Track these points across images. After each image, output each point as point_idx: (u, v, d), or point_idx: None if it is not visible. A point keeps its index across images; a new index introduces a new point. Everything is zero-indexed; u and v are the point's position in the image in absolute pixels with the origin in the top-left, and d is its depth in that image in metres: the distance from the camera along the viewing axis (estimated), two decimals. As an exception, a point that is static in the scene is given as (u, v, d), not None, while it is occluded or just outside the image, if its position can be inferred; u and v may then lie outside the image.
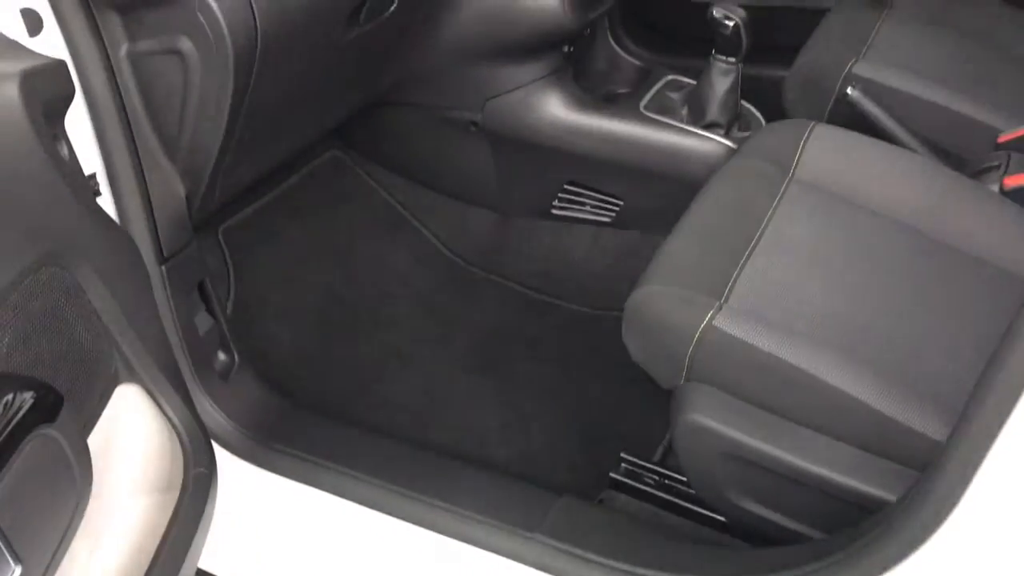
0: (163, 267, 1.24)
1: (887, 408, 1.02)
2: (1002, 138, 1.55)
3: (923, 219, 1.35)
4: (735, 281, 1.19)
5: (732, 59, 1.61)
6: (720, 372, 1.12)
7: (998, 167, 1.50)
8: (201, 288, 1.33)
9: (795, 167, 1.43)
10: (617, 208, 1.78)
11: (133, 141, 1.18)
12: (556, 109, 1.68)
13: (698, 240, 1.29)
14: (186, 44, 1.12)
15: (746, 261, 1.23)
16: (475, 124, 1.74)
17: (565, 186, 1.79)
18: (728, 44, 1.59)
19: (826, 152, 1.44)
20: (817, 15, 1.85)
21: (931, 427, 1.01)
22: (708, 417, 1.11)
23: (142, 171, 1.20)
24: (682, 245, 1.28)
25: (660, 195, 1.70)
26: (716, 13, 1.57)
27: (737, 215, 1.33)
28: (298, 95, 1.37)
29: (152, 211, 1.22)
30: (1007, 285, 1.27)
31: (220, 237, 1.66)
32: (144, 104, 1.19)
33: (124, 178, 1.18)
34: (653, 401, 1.30)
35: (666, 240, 1.29)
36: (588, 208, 1.80)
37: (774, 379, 1.08)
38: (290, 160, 1.66)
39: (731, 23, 1.56)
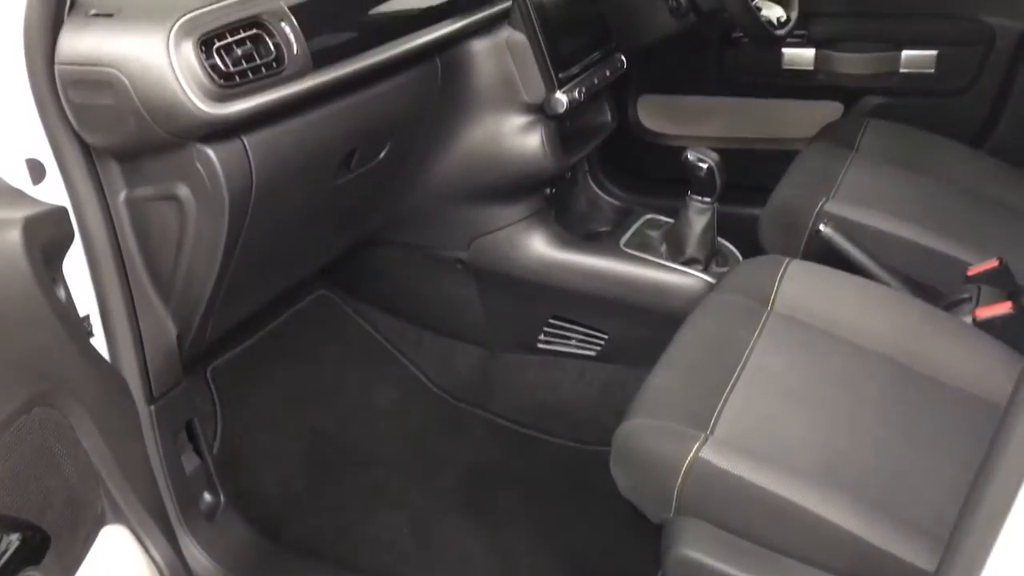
0: (152, 407, 1.25)
1: (873, 538, 1.03)
2: (971, 271, 1.60)
3: (900, 350, 1.38)
4: (720, 413, 1.21)
5: (707, 199, 1.67)
6: (708, 505, 1.12)
7: (969, 299, 1.55)
8: (189, 428, 1.34)
9: (773, 301, 1.47)
10: (602, 342, 1.81)
11: (128, 284, 1.21)
12: (540, 247, 1.73)
13: (682, 373, 1.32)
14: (183, 190, 1.16)
15: (730, 393, 1.25)
16: (461, 262, 1.79)
17: (550, 320, 1.82)
18: (703, 185, 1.66)
19: (802, 286, 1.48)
20: (788, 157, 1.94)
21: (917, 556, 1.01)
22: (698, 551, 1.10)
23: (135, 313, 1.22)
24: (666, 378, 1.30)
25: (643, 329, 1.73)
26: (690, 156, 1.65)
27: (719, 348, 1.36)
28: (290, 237, 1.42)
29: (143, 352, 1.24)
30: (984, 413, 1.29)
31: (209, 377, 1.67)
32: (140, 247, 1.23)
33: (117, 320, 1.20)
34: (643, 536, 1.29)
35: (651, 373, 1.32)
36: (574, 342, 1.83)
37: (761, 510, 1.08)
38: (279, 299, 1.69)
39: (705, 165, 1.64)
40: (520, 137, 1.64)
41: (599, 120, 1.83)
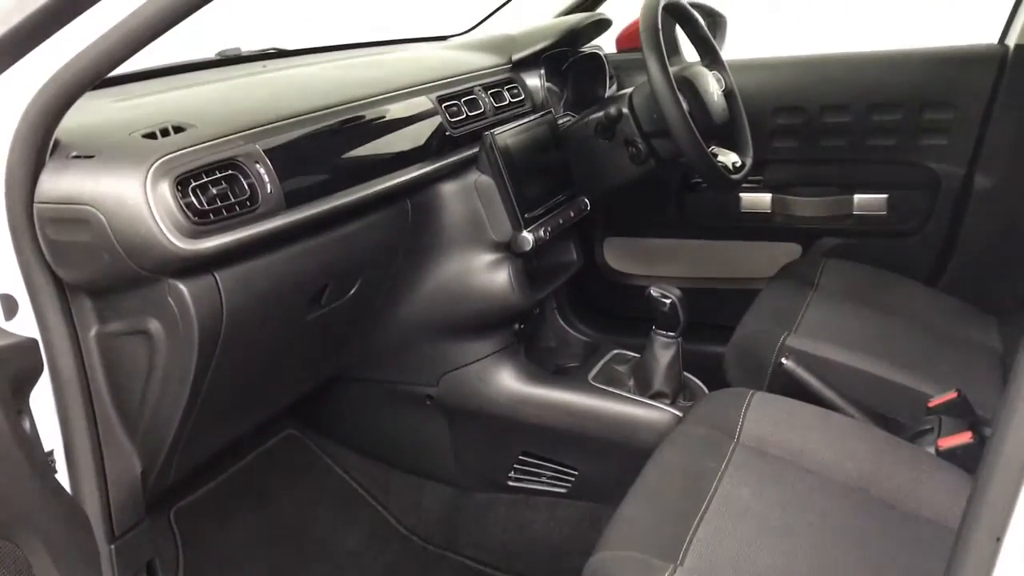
0: (112, 545, 1.22)
1: None
2: (932, 403, 1.63)
3: (865, 481, 1.39)
4: (689, 544, 1.21)
5: (671, 333, 1.71)
6: None
7: (932, 430, 1.57)
8: (149, 568, 1.30)
9: (739, 433, 1.48)
10: (573, 478, 1.80)
11: (94, 418, 1.21)
12: (510, 381, 1.75)
13: (651, 505, 1.31)
14: (154, 325, 1.18)
15: (699, 524, 1.25)
16: (431, 398, 1.79)
17: (520, 457, 1.82)
18: (667, 320, 1.70)
19: (767, 418, 1.50)
20: (750, 296, 2.00)
21: None
22: None
23: (100, 448, 1.21)
24: (636, 510, 1.30)
25: (613, 464, 1.73)
26: (654, 292, 1.69)
27: (687, 479, 1.36)
28: (259, 374, 1.43)
29: (107, 489, 1.22)
30: (949, 542, 1.30)
31: (172, 517, 1.64)
32: (108, 382, 1.23)
33: (82, 455, 1.19)
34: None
35: (620, 505, 1.31)
36: (544, 479, 1.82)
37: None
38: (245, 438, 1.68)
39: (668, 301, 1.68)
40: (488, 274, 1.68)
41: (565, 259, 1.89)
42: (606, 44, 2.41)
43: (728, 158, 1.91)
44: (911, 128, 2.24)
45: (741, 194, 2.36)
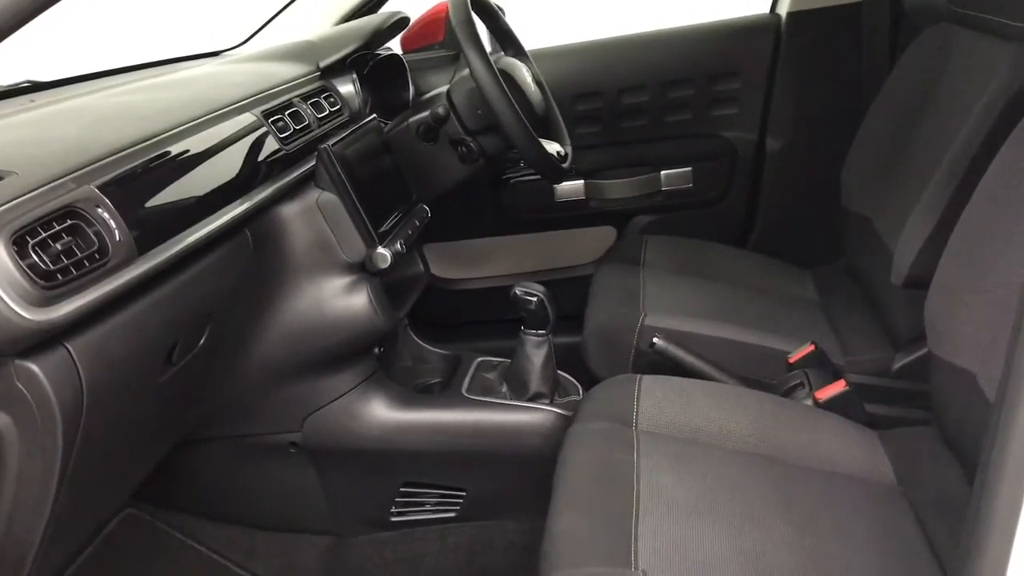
0: None
1: None
2: (792, 359, 1.70)
3: (770, 447, 1.42)
4: (636, 546, 1.16)
5: (542, 331, 1.66)
6: None
7: (802, 385, 1.63)
8: None
9: (635, 420, 1.46)
10: (461, 500, 1.70)
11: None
12: (381, 411, 1.62)
13: (582, 513, 1.25)
14: (2, 420, 0.96)
15: (637, 523, 1.20)
16: (295, 445, 1.62)
17: (401, 489, 1.69)
18: (536, 318, 1.64)
19: (659, 401, 1.49)
20: (576, 283, 1.98)
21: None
22: None
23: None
24: (569, 522, 1.23)
25: (502, 477, 1.66)
26: (518, 291, 1.63)
27: (607, 479, 1.31)
28: (119, 455, 1.21)
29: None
30: (858, 490, 1.35)
31: None
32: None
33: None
34: None
35: (549, 521, 1.24)
36: (429, 507, 1.71)
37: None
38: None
39: (534, 298, 1.63)
40: (345, 299, 1.54)
41: (414, 271, 1.78)
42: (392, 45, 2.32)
43: (552, 147, 1.88)
44: (704, 101, 2.33)
45: (554, 184, 2.35)
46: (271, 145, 1.46)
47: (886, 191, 1.93)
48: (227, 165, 1.33)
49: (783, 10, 2.29)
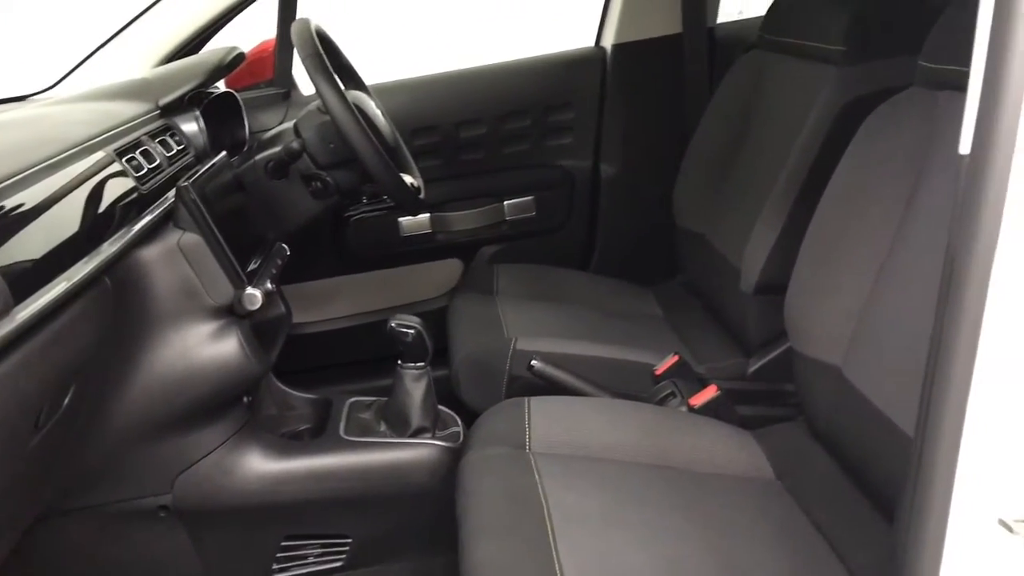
0: None
1: None
2: (658, 370, 1.76)
3: (655, 453, 1.46)
4: (561, 567, 1.16)
5: (421, 364, 1.62)
6: None
7: (673, 394, 1.70)
8: None
9: (529, 443, 1.46)
10: (346, 547, 1.63)
11: None
12: (257, 463, 1.52)
13: (498, 541, 1.23)
14: None
15: (555, 544, 1.20)
16: (165, 508, 1.49)
17: (283, 544, 1.59)
18: (413, 351, 1.61)
19: (549, 421, 1.50)
20: (428, 317, 1.95)
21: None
22: None
23: None
24: (487, 551, 1.21)
25: (387, 518, 1.61)
26: (394, 324, 1.60)
27: (514, 502, 1.30)
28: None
29: None
30: (750, 489, 1.42)
31: None
32: None
33: None
34: None
35: (463, 553, 1.21)
36: (313, 559, 1.62)
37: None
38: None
39: (412, 331, 1.59)
40: (213, 345, 1.45)
41: (277, 312, 1.69)
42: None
43: (407, 179, 1.87)
44: (540, 132, 2.39)
45: (400, 219, 2.33)
46: (127, 184, 1.35)
47: (718, 208, 2.05)
48: (84, 207, 1.22)
49: (608, 43, 2.40)
